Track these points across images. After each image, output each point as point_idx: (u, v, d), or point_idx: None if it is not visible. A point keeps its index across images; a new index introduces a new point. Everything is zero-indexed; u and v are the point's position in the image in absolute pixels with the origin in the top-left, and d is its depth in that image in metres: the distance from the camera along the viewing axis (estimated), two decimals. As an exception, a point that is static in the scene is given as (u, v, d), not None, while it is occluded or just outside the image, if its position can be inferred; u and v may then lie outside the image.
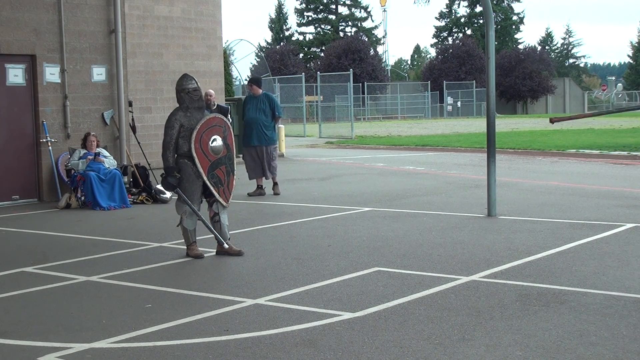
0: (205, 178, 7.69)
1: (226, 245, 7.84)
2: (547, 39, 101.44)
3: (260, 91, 13.05)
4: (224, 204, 7.84)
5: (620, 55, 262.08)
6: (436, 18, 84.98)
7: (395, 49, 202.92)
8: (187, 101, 7.78)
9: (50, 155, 12.57)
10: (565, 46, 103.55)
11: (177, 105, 7.89)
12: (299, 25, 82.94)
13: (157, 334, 5.20)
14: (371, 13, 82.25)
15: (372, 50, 68.73)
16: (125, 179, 12.60)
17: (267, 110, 12.86)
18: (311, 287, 6.40)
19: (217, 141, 7.78)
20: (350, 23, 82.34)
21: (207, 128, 7.74)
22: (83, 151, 12.12)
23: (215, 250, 7.98)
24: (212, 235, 7.98)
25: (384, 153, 23.26)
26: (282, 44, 76.41)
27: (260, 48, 72.02)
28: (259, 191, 12.87)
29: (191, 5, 18.90)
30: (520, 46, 79.79)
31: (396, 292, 6.16)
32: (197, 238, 7.94)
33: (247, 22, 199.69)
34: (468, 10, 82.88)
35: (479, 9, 79.09)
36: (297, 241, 8.56)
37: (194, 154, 7.65)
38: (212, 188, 7.72)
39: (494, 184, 10.04)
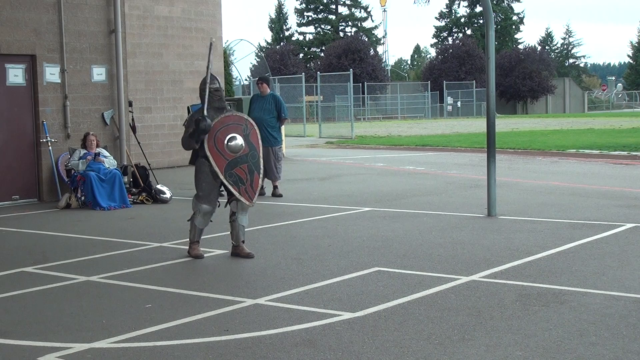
0: (222, 177, 7.53)
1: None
2: (547, 39, 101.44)
3: (269, 90, 13.00)
4: (248, 203, 7.65)
5: (620, 55, 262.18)
6: (436, 18, 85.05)
7: (395, 49, 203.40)
8: (209, 100, 7.72)
9: (50, 155, 12.57)
10: (565, 46, 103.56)
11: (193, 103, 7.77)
12: (299, 25, 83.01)
13: (157, 334, 5.20)
14: (371, 13, 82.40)
15: (372, 50, 68.76)
16: (125, 179, 12.59)
17: (273, 110, 12.79)
18: (311, 287, 6.40)
19: (236, 139, 7.58)
20: (350, 23, 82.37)
21: (223, 126, 7.58)
22: (83, 151, 12.12)
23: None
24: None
25: (384, 153, 23.26)
26: (282, 44, 76.44)
27: (260, 48, 72.02)
28: (260, 191, 12.82)
29: (191, 5, 18.91)
30: (520, 46, 79.79)
31: (396, 292, 6.16)
32: (201, 238, 7.93)
33: (247, 22, 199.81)
34: (468, 10, 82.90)
35: (479, 9, 79.09)
36: (297, 241, 8.56)
37: (208, 153, 7.50)
38: (230, 187, 7.52)
39: (494, 184, 10.03)
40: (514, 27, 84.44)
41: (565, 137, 26.45)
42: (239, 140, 7.61)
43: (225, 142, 7.55)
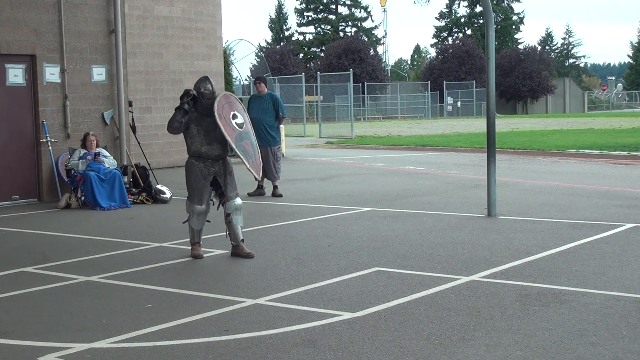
0: (234, 146, 7.47)
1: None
2: (547, 39, 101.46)
3: (266, 90, 13.01)
4: (257, 176, 7.77)
5: (620, 55, 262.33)
6: (436, 18, 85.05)
7: (395, 49, 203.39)
8: (198, 103, 7.76)
9: (50, 155, 12.57)
10: (565, 46, 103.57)
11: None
12: (299, 25, 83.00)
13: (157, 334, 5.20)
14: (371, 13, 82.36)
15: (372, 50, 68.73)
16: (125, 179, 12.59)
17: (271, 110, 12.80)
18: (311, 287, 6.40)
19: (238, 118, 7.68)
20: (350, 23, 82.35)
21: (227, 102, 7.68)
22: (83, 151, 12.12)
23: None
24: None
25: (384, 153, 23.26)
26: (282, 44, 76.42)
27: (260, 48, 72.04)
28: (259, 191, 12.85)
29: (191, 5, 18.90)
30: (520, 46, 79.77)
31: (396, 292, 6.16)
32: (202, 238, 7.93)
33: (247, 22, 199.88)
34: (468, 10, 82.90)
35: (479, 9, 79.09)
36: (297, 241, 8.56)
37: (219, 122, 7.43)
38: (242, 157, 7.48)
39: (494, 184, 10.03)
40: (514, 27, 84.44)
41: (565, 137, 26.45)
42: (241, 119, 7.72)
43: (231, 119, 7.61)
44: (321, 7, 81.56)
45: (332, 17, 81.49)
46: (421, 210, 10.66)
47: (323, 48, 77.80)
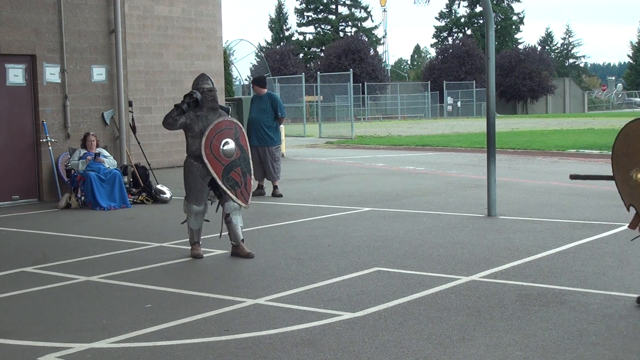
0: (220, 182, 7.55)
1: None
2: (547, 39, 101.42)
3: (264, 91, 12.98)
4: (244, 205, 7.70)
5: (620, 55, 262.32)
6: (436, 18, 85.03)
7: (395, 49, 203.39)
8: (201, 101, 7.77)
9: (50, 155, 12.57)
10: (565, 46, 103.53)
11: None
12: (299, 25, 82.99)
13: (157, 334, 5.20)
14: (371, 13, 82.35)
15: (372, 50, 68.74)
16: (125, 179, 12.59)
17: (269, 110, 12.79)
18: (311, 287, 6.40)
19: (230, 144, 7.64)
20: (350, 23, 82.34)
21: (217, 132, 7.62)
22: (83, 151, 12.12)
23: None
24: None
25: (384, 153, 23.25)
26: (282, 44, 76.43)
27: (260, 48, 72.02)
28: (259, 191, 12.85)
29: (191, 5, 18.91)
30: (520, 46, 79.75)
31: (396, 292, 6.16)
32: (201, 238, 7.94)
33: (247, 22, 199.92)
34: (468, 10, 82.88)
35: (479, 9, 79.09)
36: (297, 241, 8.56)
37: (206, 160, 7.52)
38: (228, 192, 7.57)
39: (494, 184, 10.04)
40: (514, 27, 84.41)
41: (565, 137, 26.44)
42: (232, 145, 7.67)
43: (221, 147, 7.58)
44: (321, 7, 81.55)
45: (332, 17, 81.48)
46: (421, 210, 10.66)
47: (323, 48, 77.79)
